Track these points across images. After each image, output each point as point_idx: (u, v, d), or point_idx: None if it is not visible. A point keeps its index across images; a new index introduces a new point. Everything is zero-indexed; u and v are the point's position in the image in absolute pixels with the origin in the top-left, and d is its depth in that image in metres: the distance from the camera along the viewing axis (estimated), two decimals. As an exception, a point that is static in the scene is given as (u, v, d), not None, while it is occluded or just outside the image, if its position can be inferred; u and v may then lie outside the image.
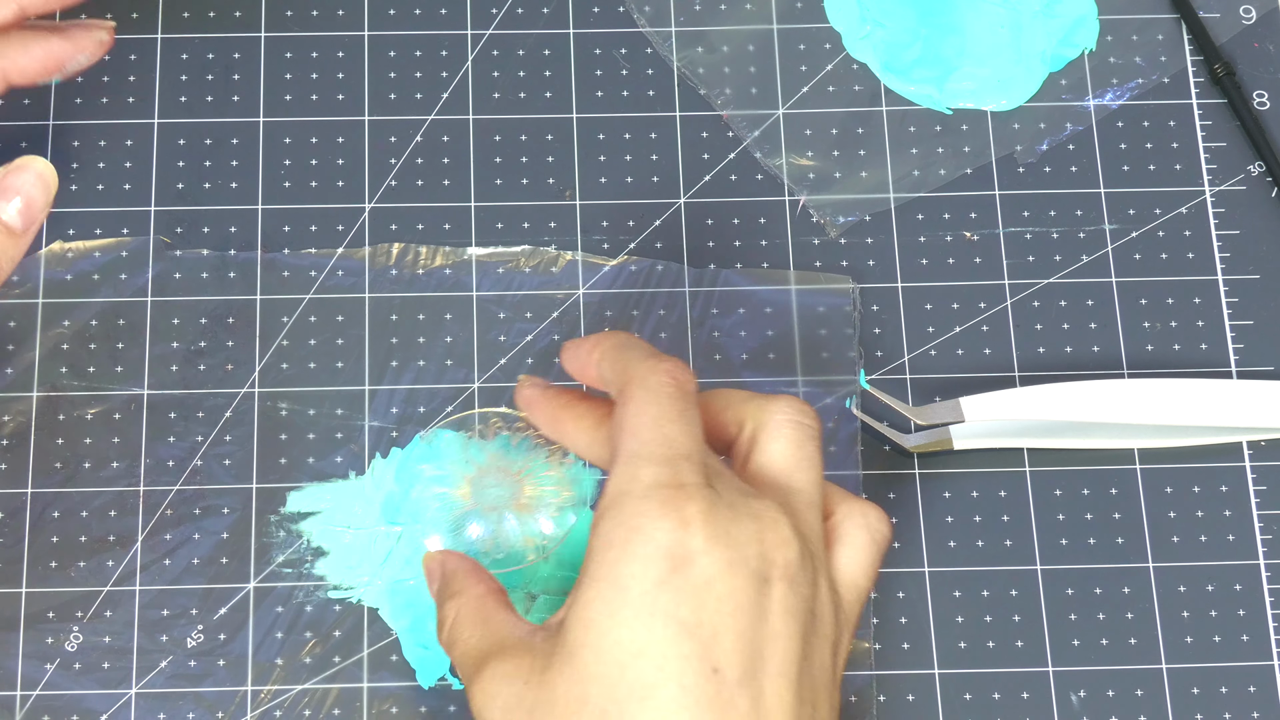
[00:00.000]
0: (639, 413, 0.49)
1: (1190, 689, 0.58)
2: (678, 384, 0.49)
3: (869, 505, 0.51)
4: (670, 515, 0.46)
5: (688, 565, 0.46)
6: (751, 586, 0.46)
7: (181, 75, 0.64)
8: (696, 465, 0.48)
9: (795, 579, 0.47)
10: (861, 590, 0.50)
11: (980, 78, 0.65)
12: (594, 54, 0.65)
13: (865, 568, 0.50)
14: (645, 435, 0.48)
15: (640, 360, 0.50)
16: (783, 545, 0.47)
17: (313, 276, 0.62)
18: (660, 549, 0.46)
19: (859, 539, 0.50)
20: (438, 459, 0.60)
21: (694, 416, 0.49)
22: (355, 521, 0.59)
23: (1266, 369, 0.62)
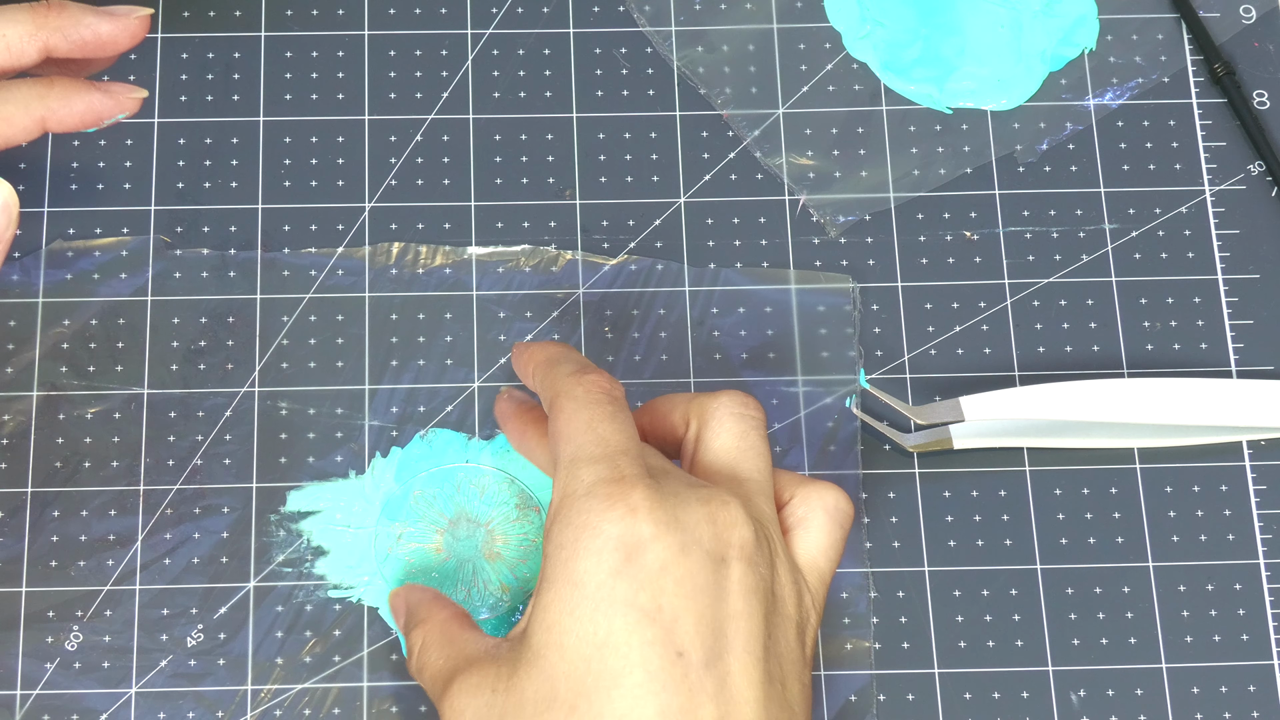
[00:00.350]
0: (570, 420, 0.50)
1: (1190, 688, 0.58)
2: (604, 391, 0.50)
3: (827, 487, 0.51)
4: (616, 506, 0.47)
5: (640, 553, 0.47)
6: (707, 567, 0.47)
7: (181, 75, 0.64)
8: (634, 459, 0.48)
9: (752, 558, 0.48)
10: (823, 573, 0.51)
11: (980, 77, 0.65)
12: (594, 53, 0.65)
13: (825, 549, 0.51)
14: (580, 439, 0.49)
15: (568, 374, 0.51)
16: (735, 525, 0.48)
17: (313, 276, 0.62)
18: (610, 540, 0.47)
19: (816, 521, 0.51)
20: (438, 458, 0.60)
21: (626, 418, 0.50)
22: (355, 521, 0.59)
23: (1266, 369, 0.62)
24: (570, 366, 0.51)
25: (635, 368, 0.61)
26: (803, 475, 0.52)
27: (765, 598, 0.48)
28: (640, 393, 0.61)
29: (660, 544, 0.47)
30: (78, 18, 0.53)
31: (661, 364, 0.61)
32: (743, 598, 0.47)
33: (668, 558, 0.47)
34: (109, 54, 0.54)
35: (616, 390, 0.51)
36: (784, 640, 0.48)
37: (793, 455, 0.60)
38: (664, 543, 0.47)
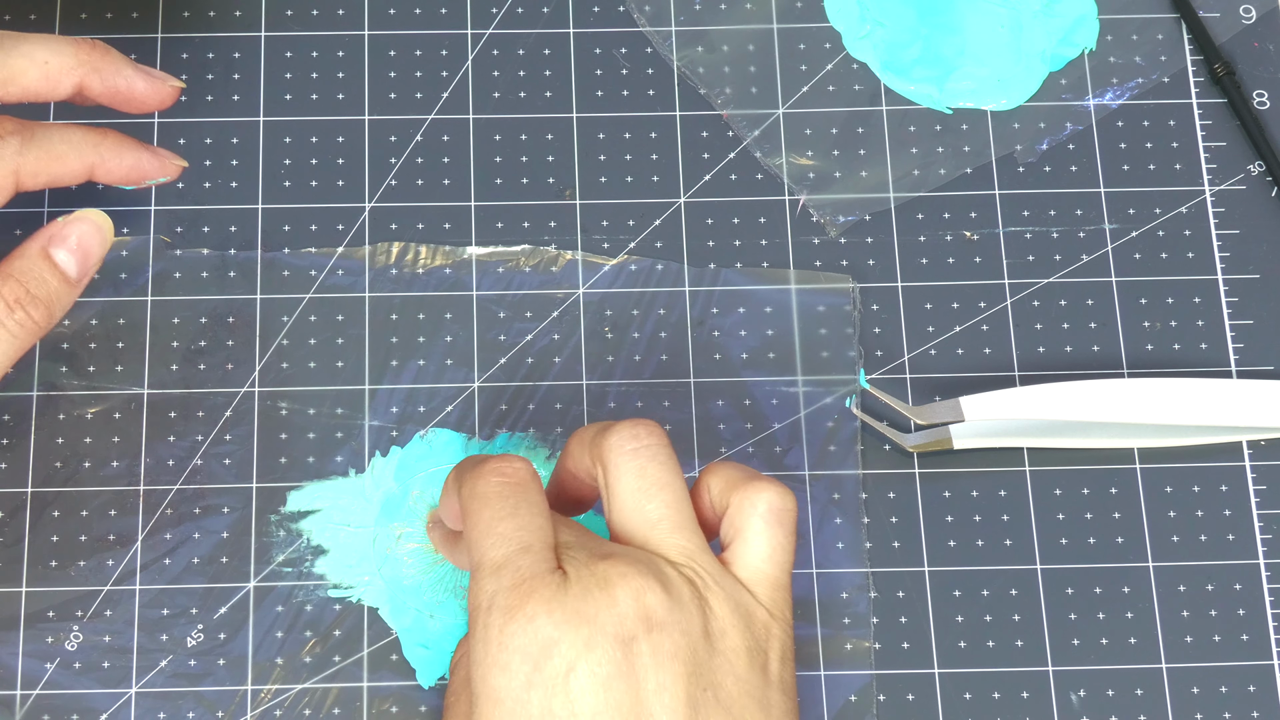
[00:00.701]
0: (473, 524, 0.50)
1: (1190, 688, 0.58)
2: (505, 479, 0.50)
3: (760, 488, 0.50)
4: (516, 617, 0.47)
5: (547, 659, 0.47)
6: (616, 654, 0.47)
7: (181, 74, 0.64)
8: (537, 553, 0.48)
9: (664, 623, 0.47)
10: (773, 579, 0.50)
11: (980, 77, 0.65)
12: (594, 53, 0.65)
13: (769, 556, 0.50)
14: (482, 544, 0.49)
15: (468, 471, 0.51)
16: (638, 596, 0.47)
17: (313, 276, 0.62)
18: (516, 653, 0.47)
19: (752, 528, 0.50)
20: (437, 458, 0.60)
21: (530, 503, 0.49)
22: (355, 520, 0.59)
23: (1266, 369, 0.62)
24: (471, 462, 0.51)
25: (635, 368, 0.61)
26: (738, 474, 0.51)
27: (686, 655, 0.47)
28: (640, 393, 0.61)
29: (564, 645, 0.47)
30: (118, 66, 0.55)
31: (661, 364, 0.61)
32: (658, 671, 0.47)
33: (574, 657, 0.47)
34: (135, 110, 0.55)
35: (520, 472, 0.50)
36: (730, 681, 0.48)
37: (793, 455, 0.60)
38: (568, 643, 0.47)
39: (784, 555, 0.50)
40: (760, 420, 0.61)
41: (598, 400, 0.61)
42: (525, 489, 0.50)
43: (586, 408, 0.61)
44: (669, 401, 0.61)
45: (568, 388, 0.61)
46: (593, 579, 0.48)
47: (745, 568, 0.50)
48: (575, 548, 0.49)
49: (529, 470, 0.50)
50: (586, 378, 0.61)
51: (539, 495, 0.50)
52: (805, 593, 0.59)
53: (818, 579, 0.59)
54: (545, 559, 0.48)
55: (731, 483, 0.51)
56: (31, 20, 0.65)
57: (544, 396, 0.61)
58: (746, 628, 0.49)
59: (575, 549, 0.49)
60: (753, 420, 0.61)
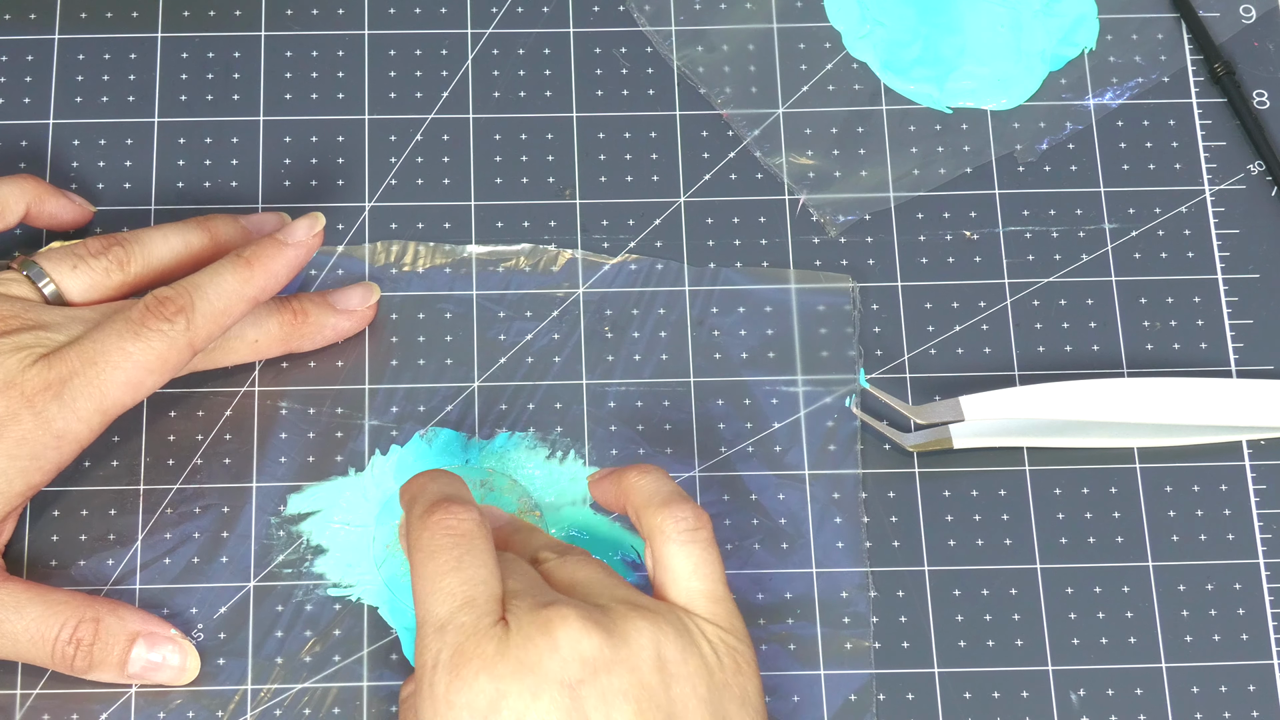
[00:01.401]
0: (419, 577, 0.50)
1: (1190, 688, 0.58)
2: (449, 531, 0.50)
3: (665, 515, 0.52)
4: (462, 674, 0.47)
5: (495, 713, 0.47)
6: (562, 700, 0.47)
7: (182, 74, 0.64)
8: (480, 607, 0.49)
9: (608, 665, 0.48)
10: (707, 593, 0.51)
11: (980, 77, 0.65)
12: (594, 53, 0.65)
13: (692, 571, 0.51)
14: (427, 600, 0.49)
15: (416, 518, 0.51)
16: (578, 640, 0.48)
17: (313, 275, 0.62)
18: (465, 709, 0.47)
19: (670, 553, 0.51)
20: (436, 459, 0.60)
21: (475, 553, 0.50)
22: (354, 519, 0.59)
23: (1266, 368, 0.62)
24: (420, 506, 0.51)
25: (635, 368, 0.61)
26: (645, 499, 0.52)
27: (639, 694, 0.48)
28: (640, 392, 0.61)
29: (511, 698, 0.47)
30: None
31: (661, 364, 0.61)
32: (609, 710, 0.47)
33: (521, 709, 0.47)
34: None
35: (466, 522, 0.50)
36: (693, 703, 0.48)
37: (793, 455, 0.60)
38: (514, 695, 0.47)
39: (709, 569, 0.51)
40: (760, 420, 0.61)
41: (598, 400, 0.61)
42: (471, 539, 0.50)
43: (586, 407, 0.61)
44: (669, 401, 0.61)
45: (568, 387, 0.61)
46: (534, 626, 0.48)
47: (678, 591, 0.51)
48: (520, 595, 0.49)
49: (475, 519, 0.51)
50: (586, 377, 0.61)
51: (485, 544, 0.50)
52: (805, 592, 0.59)
53: (818, 578, 0.59)
54: (489, 612, 0.49)
55: (640, 511, 0.52)
56: (32, 19, 0.65)
57: (544, 396, 0.61)
58: (695, 652, 0.49)
59: (520, 597, 0.49)
60: (753, 420, 0.61)
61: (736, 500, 0.60)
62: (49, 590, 0.55)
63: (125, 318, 0.54)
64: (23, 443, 0.53)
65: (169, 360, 0.54)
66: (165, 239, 0.58)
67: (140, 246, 0.57)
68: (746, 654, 0.50)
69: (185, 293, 0.55)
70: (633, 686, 0.48)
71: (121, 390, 0.54)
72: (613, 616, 0.49)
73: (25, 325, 0.54)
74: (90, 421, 0.54)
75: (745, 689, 0.50)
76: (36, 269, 0.56)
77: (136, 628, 0.55)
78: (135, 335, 0.54)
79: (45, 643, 0.54)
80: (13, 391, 0.53)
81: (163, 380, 0.55)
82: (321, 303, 0.60)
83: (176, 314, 0.54)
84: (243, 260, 0.56)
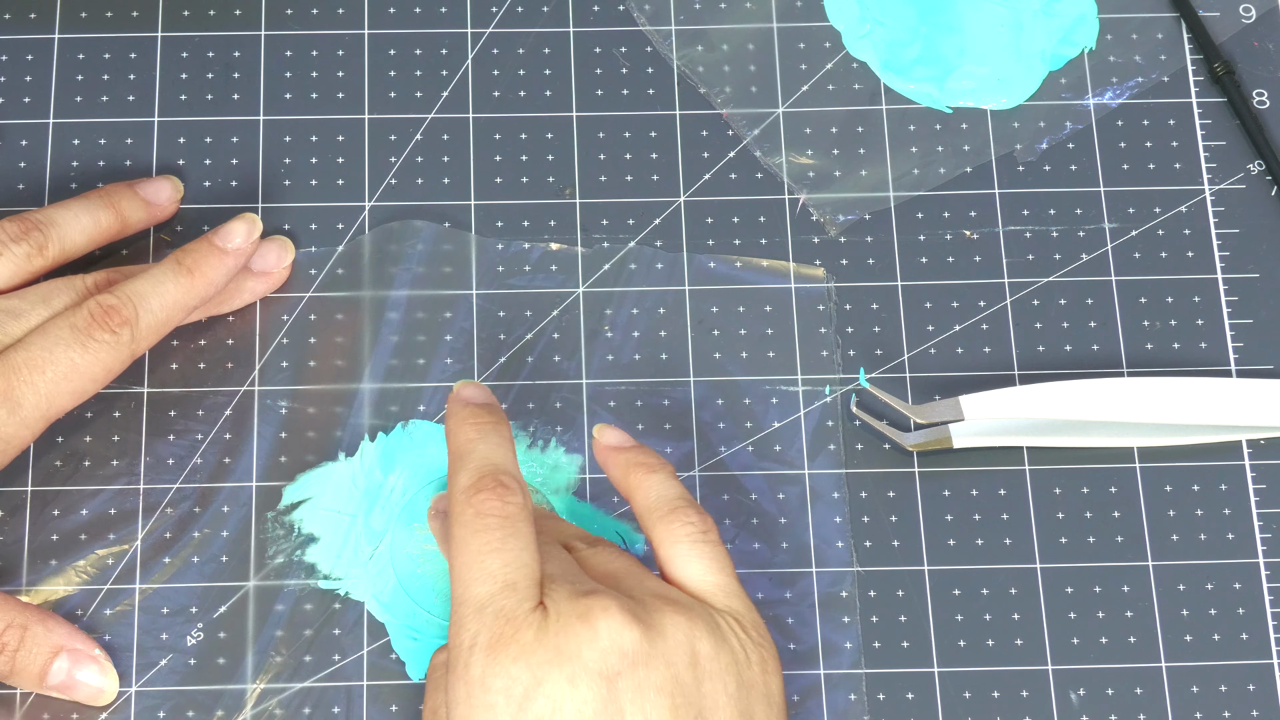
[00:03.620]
0: (460, 553, 0.50)
1: (1190, 687, 0.58)
2: (495, 512, 0.50)
3: (673, 516, 0.52)
4: (500, 658, 0.47)
5: (530, 701, 0.47)
6: (599, 690, 0.47)
7: (182, 73, 0.64)
8: (521, 592, 0.49)
9: (646, 658, 0.48)
10: (722, 587, 0.51)
11: (980, 76, 0.65)
12: (594, 53, 0.65)
13: (705, 570, 0.51)
14: (466, 578, 0.49)
15: (459, 491, 0.51)
16: (619, 632, 0.48)
17: (312, 275, 0.62)
18: (499, 695, 0.47)
19: (677, 553, 0.52)
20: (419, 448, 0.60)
21: (519, 536, 0.50)
22: (342, 506, 0.59)
23: (1266, 368, 0.62)
24: (468, 476, 0.51)
25: (635, 367, 0.61)
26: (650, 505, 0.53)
27: (673, 689, 0.48)
28: (639, 392, 0.61)
29: (548, 685, 0.47)
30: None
31: (661, 364, 0.61)
32: (644, 704, 0.47)
33: (558, 697, 0.47)
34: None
35: (510, 504, 0.50)
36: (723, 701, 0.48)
37: (792, 454, 0.60)
38: (551, 682, 0.47)
39: (721, 564, 0.52)
40: (760, 420, 0.61)
41: (598, 400, 0.61)
42: (516, 522, 0.50)
43: (586, 407, 0.61)
44: (669, 401, 0.61)
45: (568, 387, 0.61)
46: (574, 614, 0.48)
47: (693, 588, 0.51)
48: (559, 581, 0.49)
49: (521, 502, 0.51)
50: (586, 377, 0.61)
51: (529, 528, 0.50)
52: (805, 592, 0.59)
53: (817, 578, 0.59)
54: (529, 596, 0.49)
55: (646, 514, 0.53)
56: (31, 19, 0.65)
57: (544, 395, 0.61)
58: (726, 644, 0.49)
59: (559, 583, 0.49)
60: (752, 420, 0.61)
61: (736, 500, 0.60)
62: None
63: (70, 325, 0.55)
64: None
65: (112, 370, 0.56)
66: (77, 219, 0.59)
67: (56, 230, 0.58)
68: (771, 651, 0.51)
69: (130, 303, 0.56)
70: (667, 681, 0.48)
71: (66, 398, 0.55)
72: (649, 610, 0.49)
73: None
74: (34, 427, 0.55)
75: (770, 688, 0.50)
76: None
77: (62, 641, 0.56)
78: (82, 346, 0.55)
79: None
80: None
81: (103, 385, 0.56)
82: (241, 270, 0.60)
83: (121, 325, 0.55)
84: (184, 269, 0.57)
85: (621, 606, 0.48)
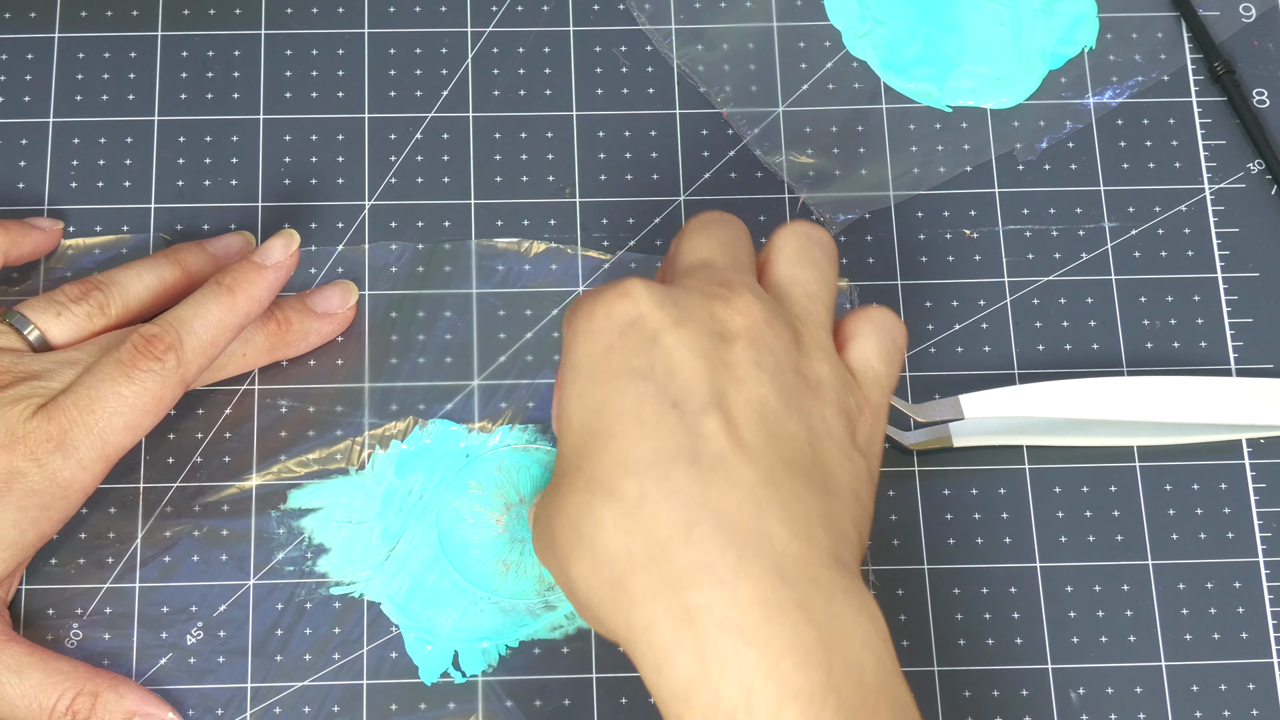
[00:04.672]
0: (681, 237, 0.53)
1: (1189, 686, 0.58)
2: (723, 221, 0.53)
3: (874, 306, 0.52)
4: (611, 294, 0.48)
5: (634, 327, 0.47)
6: (704, 337, 0.47)
7: (182, 72, 0.65)
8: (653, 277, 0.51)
9: (759, 337, 0.48)
10: (877, 372, 0.51)
11: (980, 75, 0.65)
12: (594, 52, 0.65)
13: (877, 351, 0.51)
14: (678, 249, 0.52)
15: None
16: (740, 312, 0.48)
17: (312, 274, 0.62)
18: (605, 322, 0.48)
19: (864, 330, 0.51)
20: (435, 449, 0.60)
21: (736, 233, 0.52)
22: (356, 516, 0.59)
23: (1266, 367, 0.62)
24: None
25: (635, 366, 0.61)
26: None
27: (777, 372, 0.48)
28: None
29: (655, 316, 0.47)
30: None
31: (661, 362, 0.61)
32: (747, 368, 0.47)
33: (660, 326, 0.47)
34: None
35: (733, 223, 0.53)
36: (815, 415, 0.48)
37: (792, 453, 0.60)
38: (659, 316, 0.47)
39: (891, 358, 0.51)
40: (760, 418, 0.61)
41: (597, 398, 0.61)
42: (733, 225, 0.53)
43: (586, 406, 0.61)
44: (669, 400, 0.61)
45: (567, 386, 0.61)
46: (698, 288, 0.49)
47: (854, 359, 0.51)
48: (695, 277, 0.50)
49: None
50: (586, 376, 0.61)
51: (746, 239, 0.52)
52: (805, 590, 0.59)
53: (817, 577, 0.59)
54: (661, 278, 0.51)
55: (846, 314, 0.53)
56: (31, 18, 0.65)
57: (544, 394, 0.61)
58: (840, 390, 0.49)
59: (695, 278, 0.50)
60: (752, 418, 0.61)
61: (736, 498, 0.60)
62: (53, 657, 0.55)
63: (116, 360, 0.54)
64: (32, 495, 0.53)
65: (164, 399, 0.55)
66: (140, 277, 0.58)
67: (118, 288, 0.57)
68: (879, 430, 0.51)
69: (172, 329, 0.55)
70: (776, 368, 0.48)
71: (121, 434, 0.54)
72: (780, 314, 0.50)
73: (19, 377, 0.54)
74: (94, 469, 0.54)
75: (870, 445, 0.50)
76: (19, 318, 0.56)
77: (134, 707, 0.55)
78: (128, 378, 0.54)
79: (41, 711, 0.54)
80: (18, 446, 0.53)
81: (160, 417, 0.55)
82: (303, 309, 0.60)
83: (166, 351, 0.55)
84: (224, 289, 0.56)
85: (752, 296, 0.49)
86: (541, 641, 0.58)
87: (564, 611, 0.58)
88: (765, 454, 0.46)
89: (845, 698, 0.43)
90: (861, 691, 0.43)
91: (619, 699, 0.57)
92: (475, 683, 0.57)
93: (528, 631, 0.58)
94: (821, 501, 0.46)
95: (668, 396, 0.46)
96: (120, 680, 0.56)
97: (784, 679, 0.43)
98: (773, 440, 0.46)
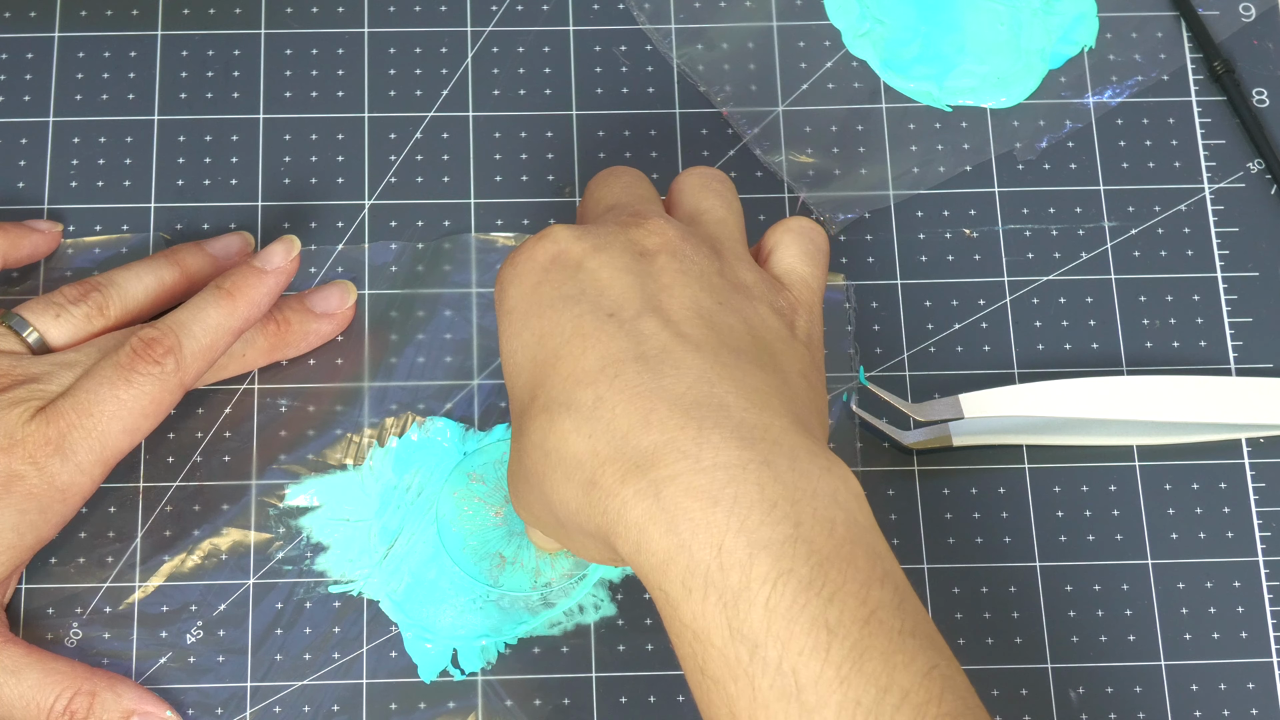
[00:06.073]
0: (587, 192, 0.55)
1: (1189, 686, 0.58)
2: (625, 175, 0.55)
3: (792, 217, 0.54)
4: (530, 240, 0.50)
5: (557, 261, 0.49)
6: (626, 256, 0.49)
7: (182, 72, 0.65)
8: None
9: (678, 250, 0.50)
10: (802, 274, 0.52)
11: (980, 75, 0.65)
12: (594, 51, 0.65)
13: (799, 255, 0.52)
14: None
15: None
16: (655, 232, 0.50)
17: (312, 273, 0.62)
18: (529, 264, 0.50)
19: (784, 239, 0.53)
20: (435, 446, 0.60)
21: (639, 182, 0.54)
22: (354, 514, 0.59)
23: (1265, 366, 0.62)
24: None
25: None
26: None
27: (703, 278, 0.49)
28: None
29: (576, 247, 0.49)
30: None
31: (661, 361, 0.61)
32: (672, 275, 0.49)
33: (584, 254, 0.49)
34: None
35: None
36: (748, 311, 0.49)
37: (792, 452, 0.60)
38: (579, 246, 0.49)
39: (814, 263, 0.53)
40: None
41: (597, 397, 0.61)
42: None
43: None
44: (668, 399, 0.61)
45: (567, 385, 0.61)
46: (614, 221, 0.51)
47: (778, 266, 0.52)
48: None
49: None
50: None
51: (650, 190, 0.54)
52: (804, 590, 0.59)
53: (817, 576, 0.59)
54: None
55: None
56: (32, 18, 0.65)
57: (543, 394, 0.61)
58: (769, 291, 0.51)
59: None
60: (752, 418, 0.61)
61: (736, 498, 0.60)
62: (49, 658, 0.55)
63: (114, 364, 0.54)
64: (30, 498, 0.53)
65: (163, 402, 0.55)
66: (139, 278, 0.58)
67: (117, 289, 0.57)
68: (811, 326, 0.52)
69: (171, 332, 0.55)
70: (700, 273, 0.50)
71: (119, 438, 0.54)
72: (689, 233, 0.51)
73: (17, 380, 0.54)
74: (92, 473, 0.54)
75: (811, 336, 0.52)
76: (19, 320, 0.56)
77: (132, 706, 0.55)
78: (127, 382, 0.54)
79: (39, 711, 0.54)
80: (16, 450, 0.53)
81: (158, 421, 0.55)
82: (302, 310, 0.60)
83: (165, 355, 0.55)
84: (224, 292, 0.56)
85: (662, 220, 0.51)
86: (541, 640, 0.58)
87: (562, 608, 0.58)
88: (708, 342, 0.48)
89: (816, 547, 0.44)
90: (833, 542, 0.44)
91: (618, 698, 0.57)
92: (474, 681, 0.57)
93: (526, 629, 0.58)
94: (773, 378, 0.48)
95: (602, 309, 0.48)
96: (118, 679, 0.56)
97: (752, 532, 0.44)
98: (713, 331, 0.48)
